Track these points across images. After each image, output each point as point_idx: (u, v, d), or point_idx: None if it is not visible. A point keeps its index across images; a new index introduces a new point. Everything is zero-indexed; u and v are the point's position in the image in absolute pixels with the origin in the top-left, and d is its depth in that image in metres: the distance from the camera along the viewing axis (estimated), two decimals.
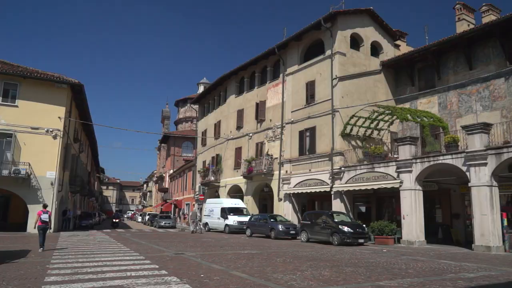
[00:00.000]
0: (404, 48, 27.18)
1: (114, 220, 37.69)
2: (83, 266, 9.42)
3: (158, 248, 14.83)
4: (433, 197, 20.97)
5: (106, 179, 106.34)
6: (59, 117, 24.79)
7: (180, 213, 47.97)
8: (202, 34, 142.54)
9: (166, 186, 60.44)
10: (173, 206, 52.27)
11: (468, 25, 23.89)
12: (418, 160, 17.85)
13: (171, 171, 56.20)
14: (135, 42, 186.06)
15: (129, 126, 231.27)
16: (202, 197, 36.23)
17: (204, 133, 39.67)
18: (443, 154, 17.12)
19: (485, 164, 15.24)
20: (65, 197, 27.85)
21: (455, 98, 21.09)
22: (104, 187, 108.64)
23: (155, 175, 76.24)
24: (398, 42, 26.93)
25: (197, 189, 39.06)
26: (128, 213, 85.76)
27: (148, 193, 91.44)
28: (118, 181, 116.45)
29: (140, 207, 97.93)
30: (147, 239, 19.85)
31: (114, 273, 8.39)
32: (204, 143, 39.40)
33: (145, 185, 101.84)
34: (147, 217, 47.24)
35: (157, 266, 9.56)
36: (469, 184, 15.74)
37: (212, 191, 35.47)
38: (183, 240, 19.13)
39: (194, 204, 41.07)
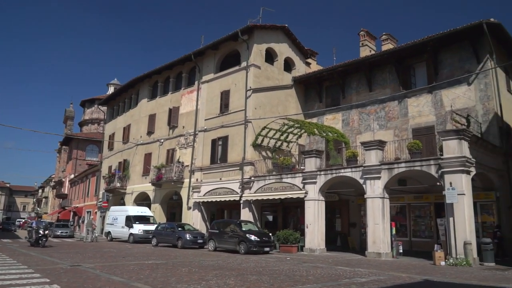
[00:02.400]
0: (315, 66, 28.91)
1: None
2: None
3: (51, 260, 13.54)
4: (333, 207, 22.41)
5: None
6: None
7: (80, 221, 44.55)
8: (116, 34, 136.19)
9: (66, 192, 55.74)
10: (72, 213, 48.38)
11: (370, 50, 26.32)
12: (322, 172, 18.96)
13: (72, 176, 52.05)
14: (40, 39, 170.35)
15: (25, 124, 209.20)
16: (106, 204, 34.10)
17: (111, 136, 37.55)
18: (344, 167, 18.43)
19: (379, 178, 16.75)
20: None
21: (357, 116, 22.94)
22: None
23: (53, 180, 69.92)
24: (309, 60, 28.54)
25: (100, 195, 36.70)
26: (19, 221, 77.09)
27: (44, 199, 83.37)
28: (8, 185, 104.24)
29: (33, 214, 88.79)
30: (39, 250, 18.01)
31: None
32: (111, 147, 37.27)
33: (40, 191, 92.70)
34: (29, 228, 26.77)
35: (48, 280, 8.71)
36: (365, 196, 17.14)
37: (117, 198, 33.61)
38: (80, 251, 17.74)
39: (96, 212, 38.50)
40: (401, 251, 16.61)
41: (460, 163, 14.28)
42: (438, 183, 15.29)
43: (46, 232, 20.24)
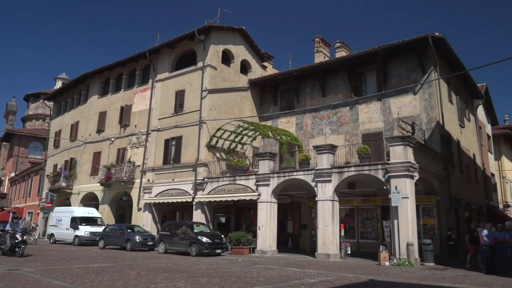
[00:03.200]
0: (271, 70, 29.25)
1: None
2: None
3: None
4: (286, 209, 22.74)
5: None
6: None
7: (20, 222, 41.88)
8: (66, 25, 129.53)
9: (5, 191, 52.26)
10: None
11: (324, 57, 27.06)
12: (275, 175, 19.18)
13: (13, 174, 48.92)
14: None
15: None
16: (50, 205, 32.28)
17: (58, 133, 35.69)
18: (297, 170, 18.78)
19: (329, 181, 17.22)
20: None
21: (310, 120, 23.47)
22: None
23: None
24: (265, 63, 28.83)
25: (44, 195, 34.75)
26: None
27: None
28: None
29: None
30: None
31: None
32: (57, 145, 35.41)
33: None
34: None
35: None
36: (316, 198, 17.55)
37: (62, 198, 32.00)
38: None
39: (38, 213, 36.44)
40: (349, 252, 17.16)
41: (405, 168, 15.02)
42: (384, 187, 15.99)
43: (25, 237, 15.97)
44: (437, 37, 18.71)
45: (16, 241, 15.16)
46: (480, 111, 28.92)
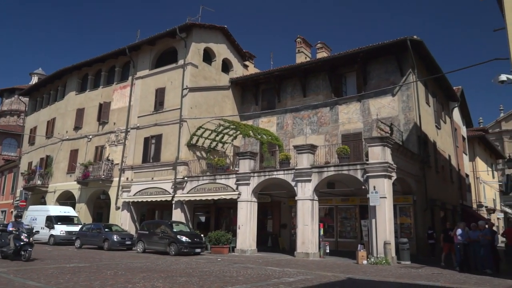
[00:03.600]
0: (252, 69, 29.24)
1: None
2: None
3: None
4: (266, 209, 22.80)
5: None
6: None
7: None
8: (42, 18, 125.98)
9: None
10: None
11: (306, 57, 27.24)
12: (255, 174, 19.20)
13: None
14: None
15: None
16: (24, 203, 31.43)
17: (33, 130, 34.76)
18: (277, 169, 18.85)
19: (309, 181, 17.35)
20: None
21: (291, 120, 23.59)
22: None
23: None
24: (247, 62, 28.81)
25: (18, 194, 33.78)
26: None
27: None
28: None
29: None
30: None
31: None
32: (32, 142, 34.48)
33: None
34: None
35: None
36: (296, 198, 17.66)
37: (37, 197, 31.19)
38: None
39: (12, 212, 35.40)
40: (328, 251, 17.34)
41: (383, 168, 15.28)
42: (363, 187, 16.23)
43: (31, 239, 13.88)
44: (415, 40, 19.09)
45: (22, 243, 13.37)
46: (456, 113, 29.70)
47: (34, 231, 14.84)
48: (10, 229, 13.98)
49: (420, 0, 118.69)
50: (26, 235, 13.55)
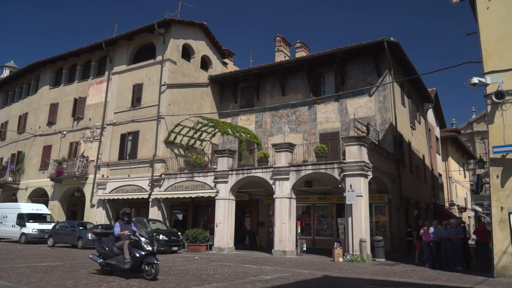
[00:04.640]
0: (231, 67, 29.14)
1: None
2: None
3: None
4: (243, 207, 22.83)
5: None
6: None
7: None
8: (15, 9, 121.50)
9: None
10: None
11: (285, 56, 27.33)
12: (234, 172, 19.18)
13: None
14: None
15: None
16: None
17: (4, 125, 33.62)
18: (255, 167, 18.88)
19: (287, 179, 17.45)
20: None
21: (269, 118, 23.66)
22: None
23: None
24: (226, 60, 28.68)
25: None
26: None
27: None
28: None
29: None
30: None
31: None
32: (3, 137, 33.35)
33: None
34: None
35: None
36: (274, 196, 17.74)
37: (8, 194, 30.21)
38: None
39: None
40: (305, 249, 17.51)
41: (359, 167, 15.53)
42: (340, 185, 16.45)
43: (155, 247, 9.64)
44: (392, 41, 19.46)
45: (143, 253, 9.18)
46: (430, 114, 30.47)
47: (155, 236, 11.00)
48: (121, 232, 9.75)
49: (398, 2, 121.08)
50: (147, 241, 9.35)
